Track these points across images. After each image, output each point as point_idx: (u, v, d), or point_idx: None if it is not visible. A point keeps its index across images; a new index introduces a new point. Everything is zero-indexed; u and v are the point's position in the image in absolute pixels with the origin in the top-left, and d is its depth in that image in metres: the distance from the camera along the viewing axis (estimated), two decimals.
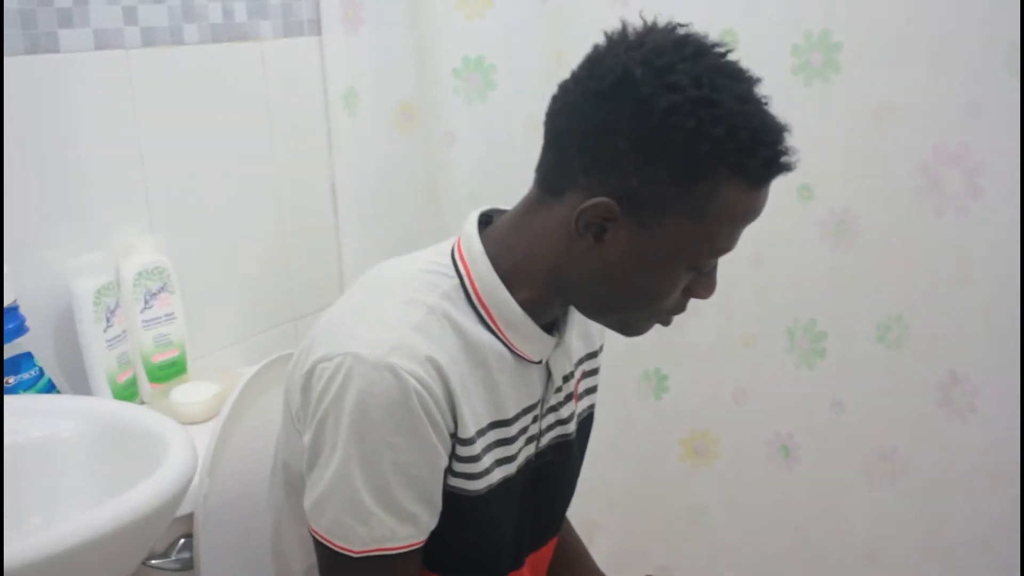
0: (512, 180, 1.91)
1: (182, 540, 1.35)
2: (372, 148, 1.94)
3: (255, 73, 1.77)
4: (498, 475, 1.10)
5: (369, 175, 1.95)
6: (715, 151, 0.96)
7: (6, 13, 1.38)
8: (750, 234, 1.68)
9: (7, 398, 1.28)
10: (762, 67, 1.02)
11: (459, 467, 1.06)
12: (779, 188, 1.64)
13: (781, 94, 1.03)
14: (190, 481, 1.08)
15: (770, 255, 1.75)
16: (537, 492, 1.19)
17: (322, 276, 1.98)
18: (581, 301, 1.09)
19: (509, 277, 1.06)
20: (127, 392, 1.49)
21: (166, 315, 1.57)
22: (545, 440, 1.18)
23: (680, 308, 1.08)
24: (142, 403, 1.54)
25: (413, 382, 0.99)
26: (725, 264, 1.73)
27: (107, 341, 1.46)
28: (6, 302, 1.33)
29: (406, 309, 1.03)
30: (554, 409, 1.17)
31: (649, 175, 0.97)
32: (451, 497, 1.07)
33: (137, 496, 1.00)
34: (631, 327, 1.10)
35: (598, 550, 2.01)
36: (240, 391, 1.37)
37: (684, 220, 0.99)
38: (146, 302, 1.55)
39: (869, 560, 1.80)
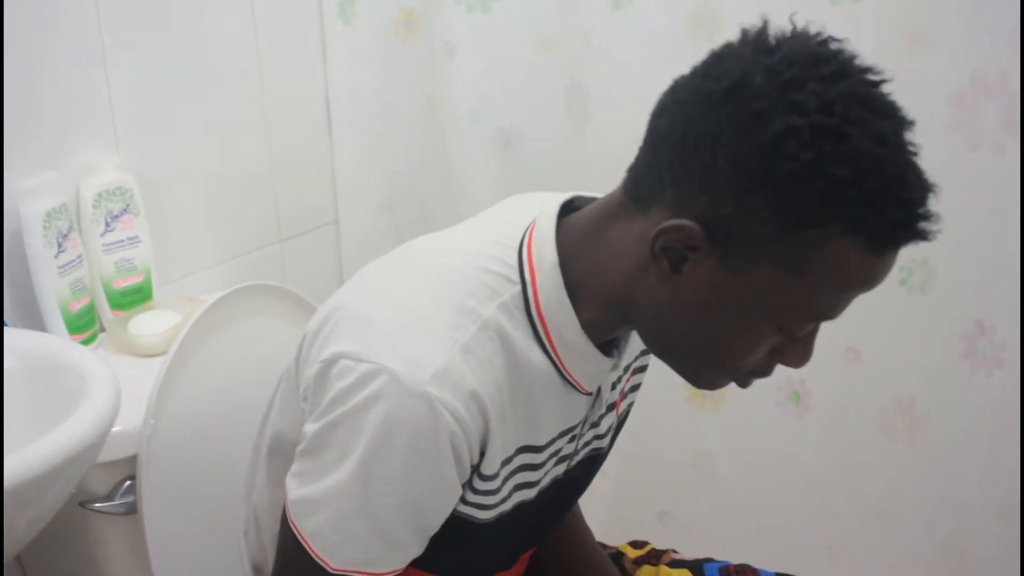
0: (514, 99, 1.84)
1: (127, 482, 1.29)
2: (369, 59, 1.85)
3: None
4: (514, 500, 1.01)
5: (366, 88, 1.87)
6: (832, 196, 0.80)
7: None
8: None
9: None
10: None
11: (473, 498, 0.97)
12: None
13: (806, 11, 0.89)
14: (107, 429, 1.03)
15: None
16: (554, 506, 1.11)
17: (314, 196, 1.90)
18: (646, 336, 0.95)
19: (575, 290, 0.93)
20: (81, 321, 1.42)
21: (129, 238, 1.50)
22: (579, 456, 1.08)
23: (763, 371, 0.94)
24: (101, 331, 1.48)
25: (450, 421, 0.88)
26: None
27: (59, 267, 1.39)
28: None
29: (458, 322, 0.91)
30: (595, 425, 1.07)
31: (747, 206, 0.82)
32: (456, 521, 0.98)
33: (44, 447, 0.95)
34: (700, 379, 0.97)
35: (598, 492, 1.93)
36: (193, 325, 1.31)
37: (779, 270, 0.84)
38: (107, 224, 1.48)
39: (880, 518, 1.71)
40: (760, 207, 0.82)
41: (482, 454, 0.93)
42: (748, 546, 1.82)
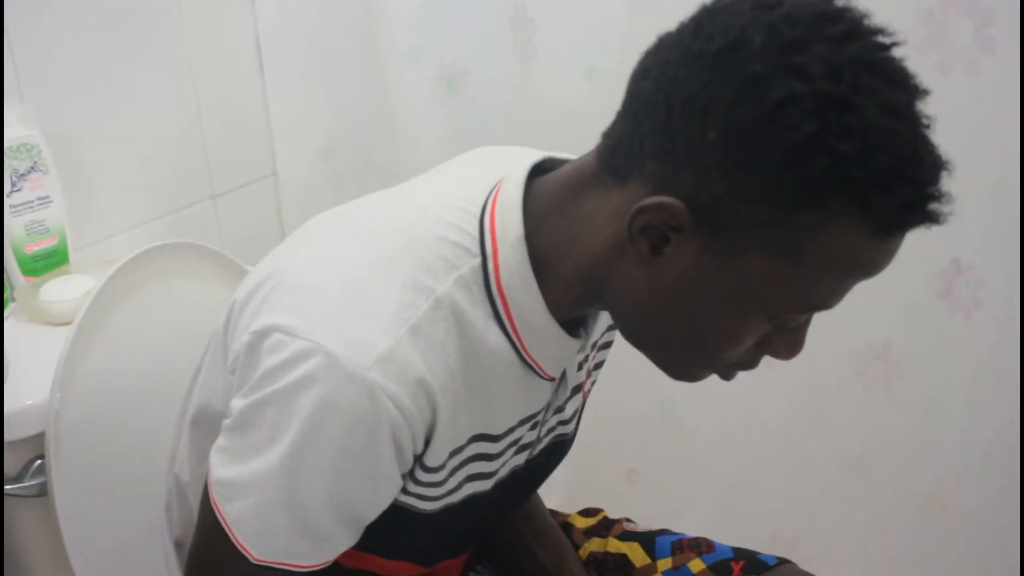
0: (456, 32, 1.73)
1: (38, 462, 1.21)
2: None
3: None
4: (466, 492, 0.94)
5: (298, 27, 1.76)
6: (836, 173, 0.72)
7: None
8: None
9: None
10: None
11: (414, 488, 0.90)
12: None
13: None
14: None
15: None
16: (510, 496, 1.03)
17: (248, 145, 1.80)
18: (620, 323, 0.87)
19: (541, 266, 0.84)
20: None
21: (39, 199, 1.41)
22: (542, 443, 1.01)
23: (749, 364, 0.86)
24: (12, 300, 1.39)
25: (393, 412, 0.80)
26: None
27: None
28: None
29: (410, 299, 0.82)
30: (559, 409, 0.99)
31: (739, 183, 0.74)
32: (396, 510, 0.90)
33: None
34: (680, 371, 0.88)
35: None
36: (101, 288, 1.22)
37: (773, 256, 0.76)
38: (13, 184, 1.38)
39: (857, 468, 1.64)
40: (754, 185, 0.74)
41: (427, 444, 0.86)
42: (721, 502, 1.76)
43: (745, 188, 0.74)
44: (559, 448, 1.04)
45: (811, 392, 1.63)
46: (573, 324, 0.90)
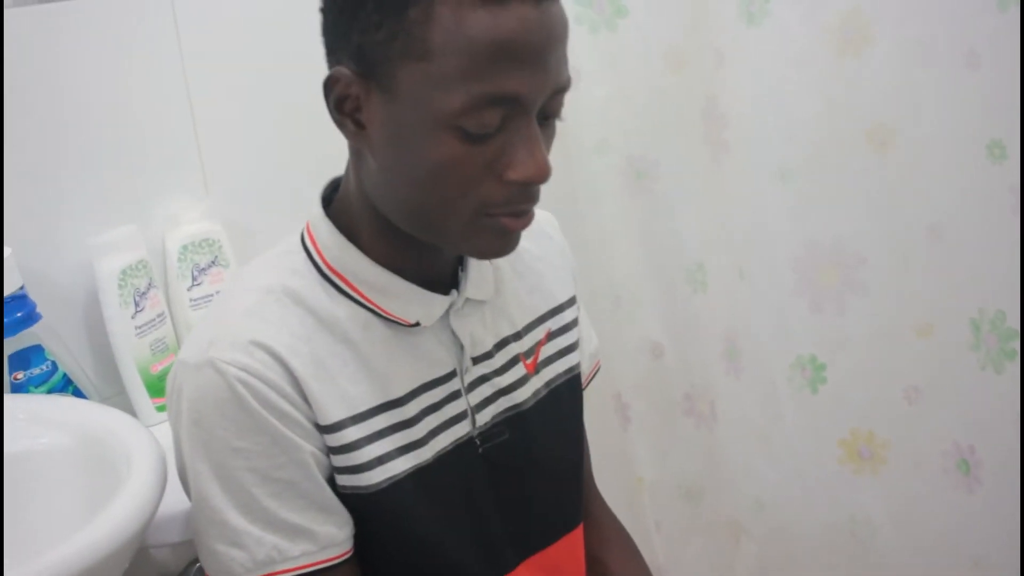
0: (647, 122, 1.71)
1: (197, 564, 1.23)
2: None
3: None
4: (402, 465, 0.95)
5: None
6: None
7: None
8: (929, 198, 1.45)
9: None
10: None
11: (337, 460, 0.93)
12: (966, 143, 1.39)
13: None
14: (149, 516, 0.96)
15: (952, 227, 1.44)
16: (498, 479, 1.03)
17: None
18: (395, 217, 0.92)
19: (355, 230, 0.94)
20: (163, 383, 1.35)
21: (218, 292, 1.44)
22: (485, 417, 1.02)
23: (503, 196, 0.86)
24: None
25: (235, 371, 0.87)
26: (896, 235, 1.48)
27: (136, 328, 1.34)
28: (11, 288, 1.23)
29: (240, 297, 0.94)
30: (485, 379, 1.02)
31: (363, 21, 0.83)
32: (350, 501, 0.94)
33: (68, 553, 0.89)
34: (464, 237, 0.90)
35: (743, 556, 1.80)
36: None
37: (412, 63, 0.83)
38: (194, 278, 1.43)
39: None
40: (368, 14, 0.83)
41: (311, 407, 0.91)
42: None
43: (364, 21, 0.83)
44: (519, 422, 1.04)
45: (1013, 525, 1.49)
46: (443, 287, 0.97)
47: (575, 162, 1.74)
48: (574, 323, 1.13)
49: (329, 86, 0.87)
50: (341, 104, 0.87)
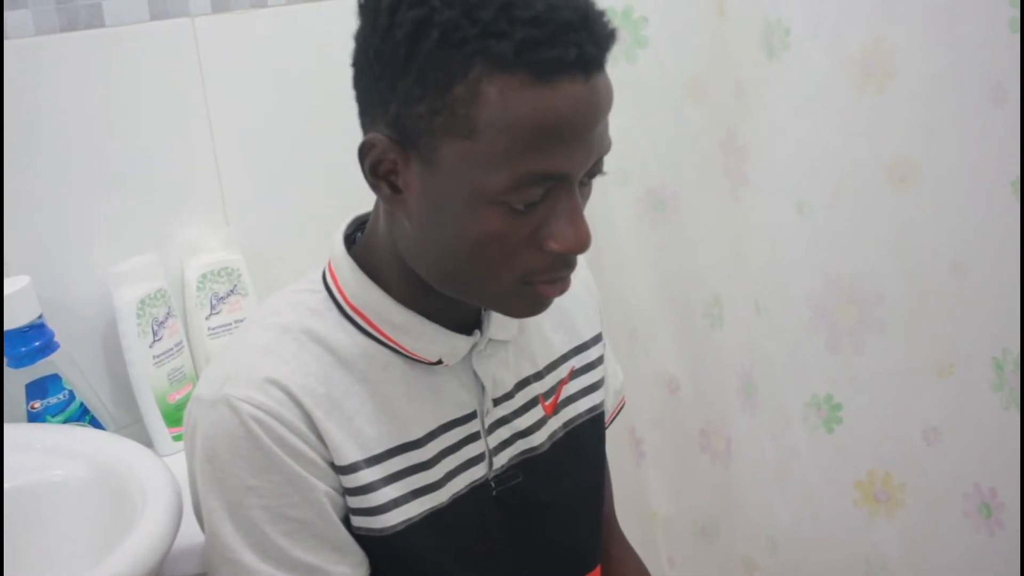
0: (666, 153, 1.72)
1: None
2: None
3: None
4: (417, 507, 0.96)
5: None
6: (451, 39, 0.79)
7: None
8: (951, 235, 1.45)
9: (15, 427, 1.24)
10: None
11: (352, 502, 0.94)
12: (990, 179, 1.39)
13: None
14: (165, 551, 0.99)
15: (975, 264, 1.44)
16: (512, 522, 1.03)
17: None
18: (428, 278, 0.92)
19: (373, 270, 0.95)
20: (180, 413, 1.39)
21: (237, 321, 1.46)
22: (502, 459, 1.02)
23: (543, 264, 0.87)
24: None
25: (249, 409, 0.88)
26: (916, 272, 1.48)
27: (154, 357, 1.36)
28: (30, 317, 1.25)
29: (257, 334, 0.95)
30: (505, 421, 1.02)
31: (402, 94, 0.83)
32: (364, 542, 0.95)
33: None
34: (499, 301, 0.92)
35: None
36: None
37: (457, 140, 0.82)
38: (212, 307, 1.44)
39: None
40: (409, 87, 0.82)
41: (326, 446, 0.91)
42: None
43: (407, 94, 0.82)
44: (533, 465, 1.04)
45: None
46: (467, 327, 0.97)
47: (593, 192, 1.74)
48: (599, 361, 1.13)
49: (364, 151, 0.87)
50: (376, 167, 0.87)
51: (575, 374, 1.10)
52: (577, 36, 0.80)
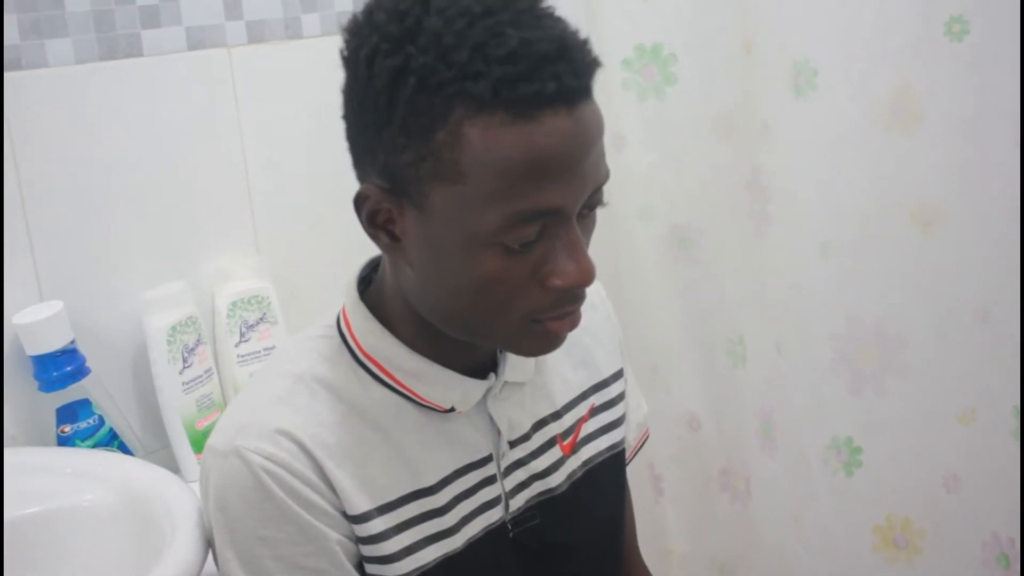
0: (692, 191, 1.73)
1: None
2: None
3: None
4: (432, 554, 0.96)
5: None
6: (427, 84, 0.80)
7: (77, 16, 1.30)
8: (975, 281, 1.46)
9: (46, 451, 1.24)
10: None
11: (365, 550, 0.94)
12: (1016, 225, 1.40)
13: None
14: None
15: (1000, 310, 1.45)
16: (530, 564, 1.03)
17: None
18: (436, 323, 0.93)
19: (391, 318, 0.96)
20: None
21: (266, 349, 1.49)
22: (519, 502, 1.02)
23: (548, 301, 0.87)
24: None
25: (260, 460, 0.89)
26: (940, 317, 1.49)
27: (183, 384, 1.38)
28: (62, 342, 1.27)
29: (270, 383, 0.95)
30: (521, 463, 1.02)
31: (387, 143, 0.83)
32: None
33: None
34: (510, 342, 0.92)
35: None
36: None
37: (446, 185, 0.82)
38: (242, 335, 1.46)
39: None
40: (394, 136, 0.82)
41: (338, 496, 0.92)
42: None
43: (390, 142, 0.82)
44: (551, 507, 1.04)
45: None
46: (483, 371, 0.98)
47: (618, 227, 1.77)
48: (619, 398, 1.13)
49: (359, 202, 0.88)
50: (373, 217, 0.88)
51: (595, 411, 1.10)
52: (555, 68, 0.79)
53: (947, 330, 1.51)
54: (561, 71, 0.79)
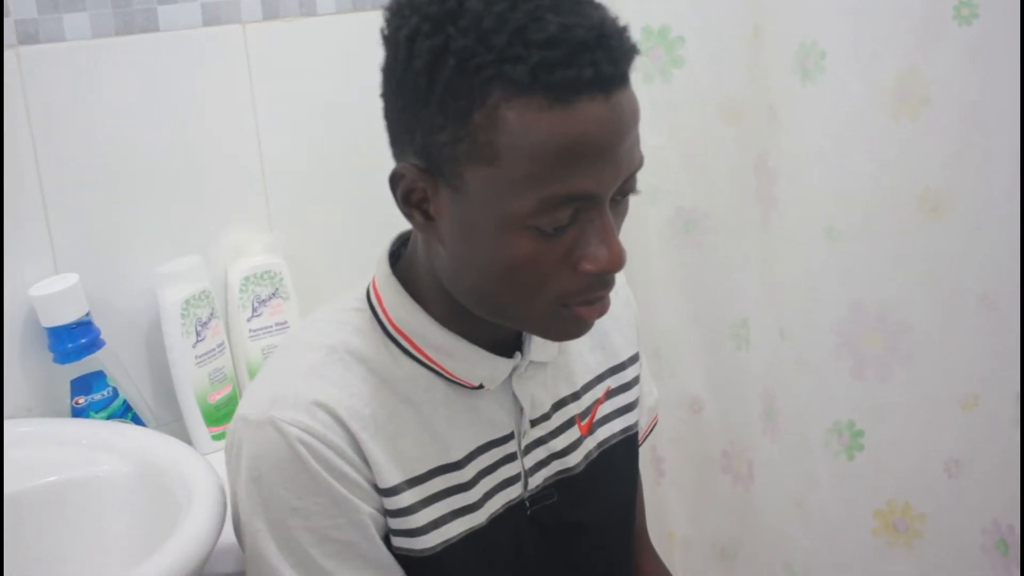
0: (698, 174, 1.74)
1: None
2: None
3: None
4: (457, 528, 0.98)
5: None
6: (467, 66, 0.81)
7: None
8: (981, 266, 1.47)
9: (61, 422, 1.26)
10: None
11: (393, 523, 0.96)
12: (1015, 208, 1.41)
13: None
14: (210, 548, 1.02)
15: (1005, 296, 1.47)
16: (546, 541, 1.05)
17: None
18: (466, 303, 0.94)
19: (421, 293, 0.97)
20: (220, 412, 1.43)
21: (277, 324, 1.51)
22: (538, 480, 1.04)
23: (579, 286, 0.88)
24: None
25: (297, 432, 0.90)
26: (945, 303, 1.51)
27: (196, 357, 1.40)
28: (77, 314, 1.29)
29: (303, 354, 0.96)
30: (541, 442, 1.04)
31: (425, 123, 0.85)
32: (404, 562, 0.97)
33: None
34: (539, 325, 0.93)
35: None
36: None
37: (481, 166, 0.83)
38: (254, 310, 1.48)
39: None
40: (432, 116, 0.83)
41: (370, 468, 0.93)
42: None
43: (428, 122, 0.84)
44: (568, 485, 1.06)
45: None
46: (507, 349, 0.99)
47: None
48: (634, 381, 1.15)
49: (395, 181, 0.89)
50: (408, 196, 0.89)
51: (611, 394, 1.12)
52: (593, 55, 0.80)
53: (951, 316, 1.53)
54: (599, 58, 0.80)
